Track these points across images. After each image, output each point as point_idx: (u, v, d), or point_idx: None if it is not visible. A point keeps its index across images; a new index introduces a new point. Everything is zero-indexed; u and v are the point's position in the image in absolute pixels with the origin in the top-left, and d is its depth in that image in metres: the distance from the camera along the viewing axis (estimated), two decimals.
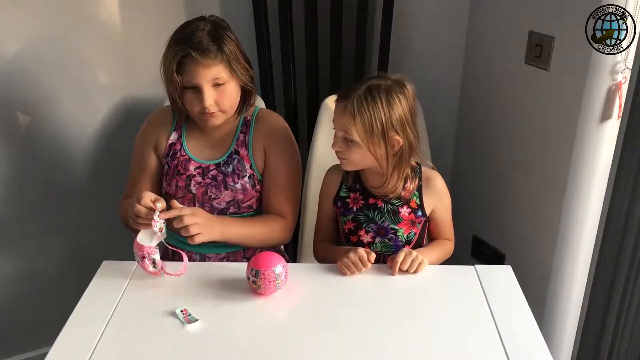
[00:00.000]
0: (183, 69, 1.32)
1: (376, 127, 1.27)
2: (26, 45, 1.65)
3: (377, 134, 1.27)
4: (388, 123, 1.27)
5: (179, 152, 1.47)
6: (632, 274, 1.65)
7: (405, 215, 1.39)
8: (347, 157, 1.32)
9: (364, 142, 1.28)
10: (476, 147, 1.92)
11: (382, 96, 1.27)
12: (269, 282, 1.20)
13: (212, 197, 1.46)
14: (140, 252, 1.26)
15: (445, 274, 1.35)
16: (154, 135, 1.49)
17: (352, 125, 1.26)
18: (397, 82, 1.31)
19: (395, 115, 1.28)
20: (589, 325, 1.73)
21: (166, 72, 1.35)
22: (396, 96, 1.28)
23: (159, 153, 1.49)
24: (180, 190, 1.46)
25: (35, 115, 1.73)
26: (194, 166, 1.46)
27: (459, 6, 1.84)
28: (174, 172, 1.46)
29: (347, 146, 1.30)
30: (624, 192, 1.57)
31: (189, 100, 1.37)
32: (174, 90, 1.36)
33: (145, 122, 1.53)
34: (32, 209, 1.82)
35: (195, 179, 1.45)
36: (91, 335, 1.13)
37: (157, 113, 1.54)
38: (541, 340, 1.15)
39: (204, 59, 1.30)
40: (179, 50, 1.31)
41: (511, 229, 1.80)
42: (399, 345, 1.12)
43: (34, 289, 1.90)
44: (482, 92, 1.85)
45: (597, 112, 1.45)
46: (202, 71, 1.32)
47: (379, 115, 1.26)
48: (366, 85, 1.28)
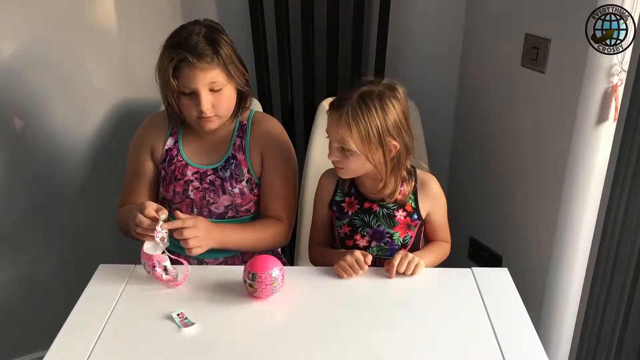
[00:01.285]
0: (179, 73, 1.32)
1: (373, 135, 1.26)
2: (22, 47, 1.65)
3: (374, 142, 1.27)
4: (384, 129, 1.27)
5: (175, 158, 1.46)
6: (629, 276, 1.65)
7: (401, 219, 1.39)
8: (345, 166, 1.32)
9: (362, 151, 1.27)
10: (473, 149, 1.92)
11: (376, 103, 1.26)
12: (266, 285, 1.20)
13: (210, 202, 1.45)
14: (150, 261, 1.25)
15: (442, 277, 1.35)
16: (150, 140, 1.48)
17: (349, 136, 1.25)
18: (389, 86, 1.30)
19: (390, 120, 1.27)
20: (586, 327, 1.73)
21: (162, 76, 1.34)
22: (389, 101, 1.27)
23: (155, 159, 1.48)
24: (178, 195, 1.46)
25: (31, 119, 1.72)
26: (192, 171, 1.45)
27: (456, 9, 1.84)
28: (171, 177, 1.46)
29: (344, 156, 1.30)
30: (620, 195, 1.58)
31: (186, 105, 1.36)
32: (170, 95, 1.35)
33: (140, 128, 1.52)
34: (28, 213, 1.82)
35: (193, 184, 1.45)
36: (88, 339, 1.13)
37: (151, 118, 1.53)
38: (538, 342, 1.15)
39: (200, 63, 1.30)
40: (175, 54, 1.30)
41: (508, 231, 1.80)
42: (396, 348, 1.12)
43: (30, 293, 1.90)
44: (478, 95, 1.85)
45: (593, 115, 1.45)
46: (199, 75, 1.31)
47: (374, 123, 1.25)
48: (358, 93, 1.27)
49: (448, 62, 1.91)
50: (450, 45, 1.89)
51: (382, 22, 1.82)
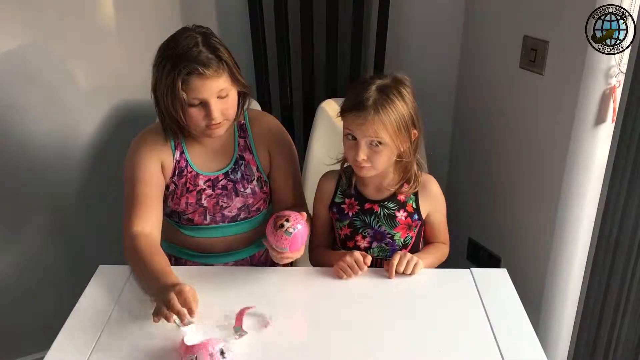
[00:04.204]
0: (187, 86, 1.27)
1: (403, 125, 1.29)
2: (20, 48, 1.65)
3: (404, 131, 1.29)
4: (409, 117, 1.30)
5: (185, 170, 1.42)
6: (627, 276, 1.66)
7: (402, 219, 1.39)
8: (374, 162, 1.31)
9: (395, 141, 1.29)
10: (471, 150, 1.92)
11: (395, 93, 1.28)
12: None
13: (224, 207, 1.45)
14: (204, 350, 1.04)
15: (441, 277, 1.35)
16: (158, 156, 1.40)
17: (383, 129, 1.27)
18: (397, 79, 1.32)
19: (412, 108, 1.31)
20: (584, 328, 1.73)
21: (169, 91, 1.28)
22: (404, 90, 1.30)
23: (165, 174, 1.42)
24: (190, 206, 1.44)
25: (30, 118, 1.72)
26: (203, 180, 1.43)
27: (454, 10, 1.85)
28: (183, 190, 1.42)
29: (373, 151, 1.30)
30: (618, 196, 1.58)
31: (194, 116, 1.31)
32: (179, 108, 1.30)
33: (138, 145, 1.40)
34: (28, 213, 1.82)
35: (206, 192, 1.43)
36: (87, 340, 1.13)
37: (147, 136, 1.42)
38: (537, 343, 1.15)
39: (210, 72, 1.27)
40: (182, 67, 1.26)
41: (507, 232, 1.80)
42: (395, 348, 1.13)
43: (30, 293, 1.90)
44: (477, 96, 1.86)
45: (591, 116, 1.45)
46: (209, 85, 1.28)
47: (401, 112, 1.28)
48: (375, 88, 1.29)
49: (447, 63, 1.91)
50: (449, 47, 1.90)
51: (381, 23, 1.82)
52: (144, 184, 1.37)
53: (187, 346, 1.05)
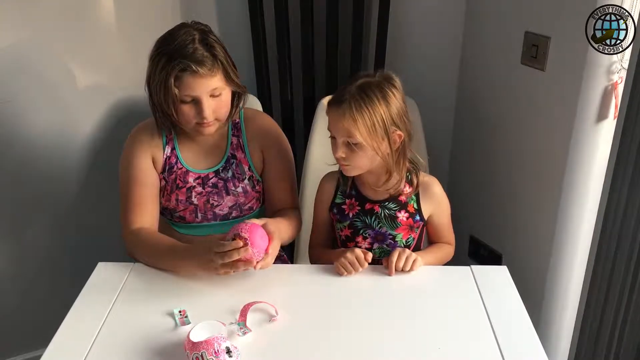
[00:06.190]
0: (180, 82, 1.28)
1: (378, 125, 1.25)
2: (19, 45, 1.65)
3: (380, 132, 1.25)
4: (388, 119, 1.26)
5: (175, 166, 1.43)
6: (629, 274, 1.65)
7: (404, 220, 1.38)
8: (352, 162, 1.29)
9: (369, 142, 1.25)
10: (473, 147, 1.92)
11: (377, 93, 1.25)
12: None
13: (215, 205, 1.45)
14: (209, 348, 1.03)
15: (441, 275, 1.35)
16: (149, 151, 1.42)
17: (354, 128, 1.24)
18: (385, 77, 1.29)
19: (394, 109, 1.26)
20: (585, 326, 1.73)
21: (161, 86, 1.29)
22: (389, 90, 1.27)
23: (156, 169, 1.43)
24: (181, 203, 1.44)
25: (29, 115, 1.72)
26: (193, 177, 1.43)
27: (456, 7, 1.84)
28: (173, 186, 1.43)
29: (350, 151, 1.28)
30: (620, 192, 1.57)
31: (185, 113, 1.32)
32: (170, 103, 1.31)
33: (130, 144, 1.43)
34: (27, 211, 1.82)
35: (196, 190, 1.44)
36: (86, 337, 1.13)
37: (139, 132, 1.44)
38: (537, 341, 1.15)
39: (203, 70, 1.27)
40: (176, 63, 1.26)
41: (508, 229, 1.80)
42: (395, 345, 1.12)
43: (28, 290, 1.90)
44: (478, 92, 1.85)
45: (593, 113, 1.45)
46: (202, 83, 1.28)
47: (378, 112, 1.24)
48: (356, 85, 1.26)
49: (448, 60, 1.91)
50: (450, 44, 1.89)
51: (382, 20, 1.82)
52: (140, 184, 1.39)
53: (194, 343, 1.04)
